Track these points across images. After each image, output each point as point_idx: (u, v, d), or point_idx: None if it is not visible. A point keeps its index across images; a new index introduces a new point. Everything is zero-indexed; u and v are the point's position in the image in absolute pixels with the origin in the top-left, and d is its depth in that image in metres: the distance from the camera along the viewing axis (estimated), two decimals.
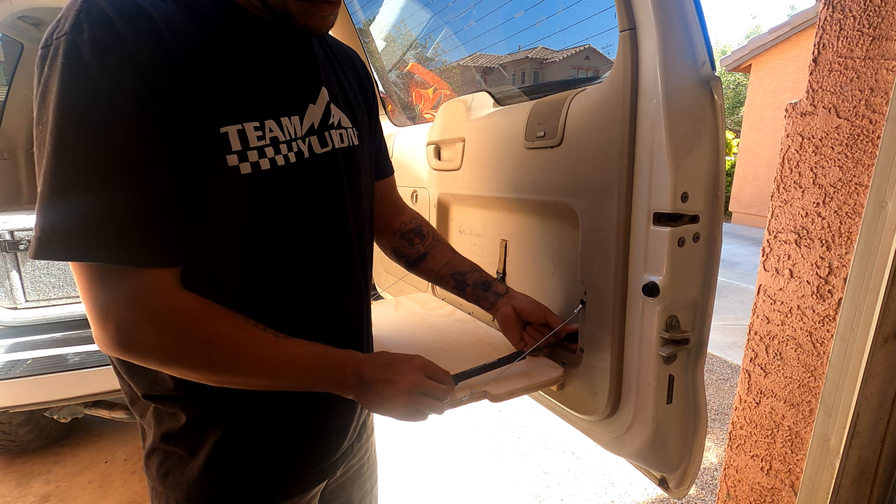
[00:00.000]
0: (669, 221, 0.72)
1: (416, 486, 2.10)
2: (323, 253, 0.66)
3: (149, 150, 0.49)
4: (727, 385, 3.05)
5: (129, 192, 0.48)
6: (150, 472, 0.65)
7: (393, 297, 1.49)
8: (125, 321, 0.50)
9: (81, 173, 0.47)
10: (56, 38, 0.47)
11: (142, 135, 0.48)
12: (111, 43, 0.47)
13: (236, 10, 0.58)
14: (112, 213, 0.48)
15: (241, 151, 0.55)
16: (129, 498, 2.02)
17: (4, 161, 2.59)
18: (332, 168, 0.66)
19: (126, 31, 0.47)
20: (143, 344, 0.52)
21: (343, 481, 0.82)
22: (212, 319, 0.55)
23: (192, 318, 0.53)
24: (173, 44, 0.50)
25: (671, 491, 0.86)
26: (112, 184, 0.48)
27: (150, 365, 0.55)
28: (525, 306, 0.89)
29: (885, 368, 1.02)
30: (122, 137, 0.48)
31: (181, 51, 0.51)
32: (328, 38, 0.75)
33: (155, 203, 0.50)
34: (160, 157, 0.50)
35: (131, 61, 0.47)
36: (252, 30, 0.58)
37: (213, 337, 0.54)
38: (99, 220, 0.48)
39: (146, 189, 0.49)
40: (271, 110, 0.58)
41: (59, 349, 1.79)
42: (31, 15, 2.11)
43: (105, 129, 0.47)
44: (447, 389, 0.69)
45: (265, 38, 0.60)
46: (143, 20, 0.49)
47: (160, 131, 0.49)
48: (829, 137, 1.11)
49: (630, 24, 0.72)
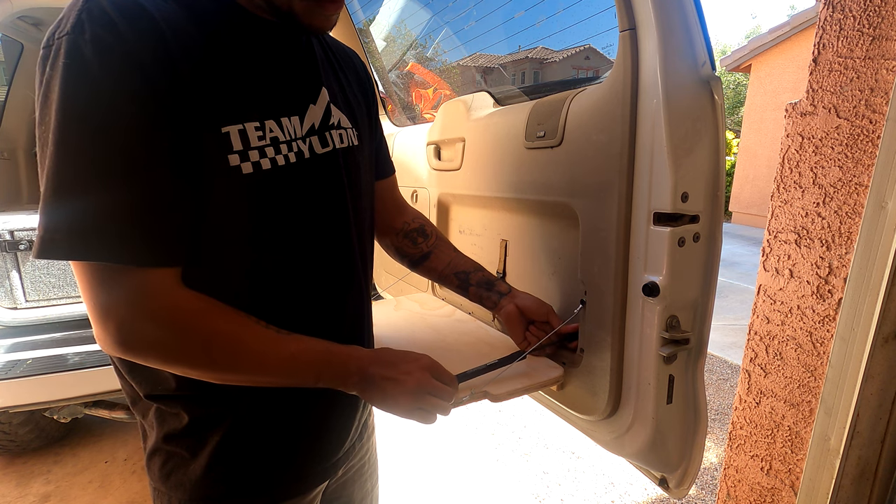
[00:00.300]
0: (669, 221, 0.72)
1: (416, 485, 2.10)
2: (324, 253, 0.66)
3: (149, 150, 0.49)
4: (727, 385, 3.05)
5: (130, 192, 0.49)
6: (152, 473, 0.65)
7: (393, 296, 1.49)
8: (126, 320, 0.50)
9: (82, 173, 0.47)
10: (58, 38, 0.47)
11: (142, 135, 0.48)
12: (112, 43, 0.47)
13: (237, 10, 0.58)
14: (113, 213, 0.48)
15: (242, 151, 0.55)
16: (129, 498, 2.02)
17: (4, 161, 2.59)
18: (332, 168, 0.66)
19: (127, 31, 0.47)
20: (145, 342, 0.52)
21: (344, 481, 0.82)
22: (213, 317, 0.55)
23: (193, 316, 0.53)
24: (175, 43, 0.50)
25: (671, 491, 0.86)
26: (112, 184, 0.48)
27: (152, 364, 0.55)
28: (528, 304, 0.89)
29: (885, 368, 1.02)
30: (122, 137, 0.48)
31: (182, 50, 0.51)
32: (328, 39, 0.75)
33: (155, 203, 0.50)
34: (160, 157, 0.50)
35: (132, 61, 0.47)
36: (253, 30, 0.58)
37: (214, 334, 0.54)
38: (100, 220, 0.48)
39: (146, 189, 0.49)
40: (271, 110, 0.58)
41: (59, 349, 1.79)
42: (31, 15, 2.11)
43: (106, 130, 0.47)
44: (452, 391, 0.69)
45: (266, 39, 0.60)
46: (144, 20, 0.49)
47: (160, 131, 0.49)
48: (829, 137, 1.11)
49: (630, 24, 0.72)
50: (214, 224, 0.56)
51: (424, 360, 0.68)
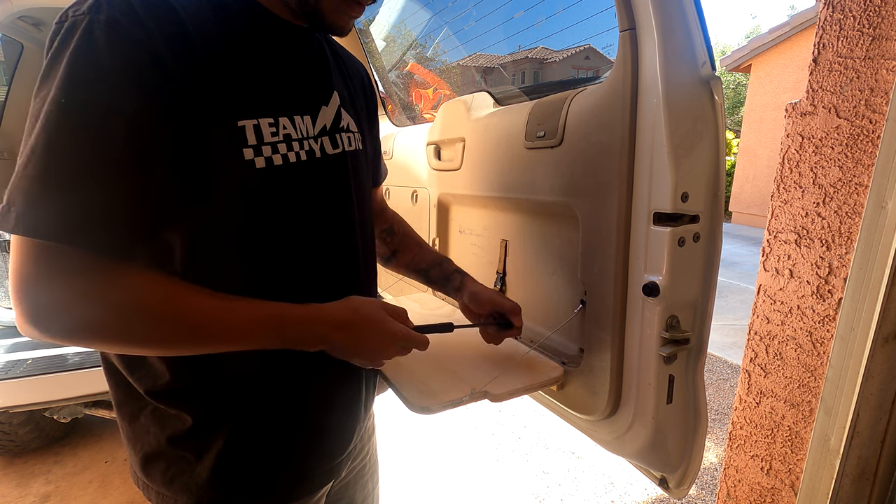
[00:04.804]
0: (670, 221, 0.72)
1: (417, 486, 2.10)
2: (330, 253, 0.66)
3: (139, 145, 0.47)
4: (727, 385, 3.05)
5: (111, 187, 0.46)
6: (151, 478, 0.63)
7: (393, 297, 1.49)
8: (57, 301, 0.47)
9: (68, 160, 0.45)
10: (73, 16, 0.46)
11: (137, 127, 0.47)
12: (128, 27, 0.46)
13: (258, 9, 0.58)
14: (82, 202, 0.46)
15: (256, 146, 0.55)
16: (129, 498, 2.02)
17: (4, 161, 2.58)
18: (341, 169, 0.67)
19: (146, 17, 0.47)
20: (82, 323, 0.49)
21: (346, 482, 0.82)
22: (151, 292, 0.51)
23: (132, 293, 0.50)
24: (195, 34, 0.50)
25: (671, 491, 0.86)
26: (96, 172, 0.46)
27: (83, 345, 0.51)
28: (473, 300, 0.87)
29: (885, 368, 1.02)
30: (114, 127, 0.46)
31: (202, 42, 0.50)
32: (336, 47, 0.77)
33: (135, 199, 0.48)
34: (151, 153, 0.48)
35: (145, 49, 0.47)
36: (271, 29, 0.59)
37: (148, 307, 0.51)
38: (61, 203, 0.45)
39: (128, 182, 0.47)
40: (285, 108, 0.58)
41: (59, 349, 1.79)
42: (31, 15, 2.11)
43: (100, 118, 0.45)
44: (417, 344, 0.68)
45: (283, 39, 0.60)
46: (164, 8, 0.48)
47: (161, 125, 0.48)
48: (829, 137, 1.11)
49: (630, 24, 0.72)
50: (223, 218, 0.55)
51: (390, 328, 0.65)
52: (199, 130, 0.51)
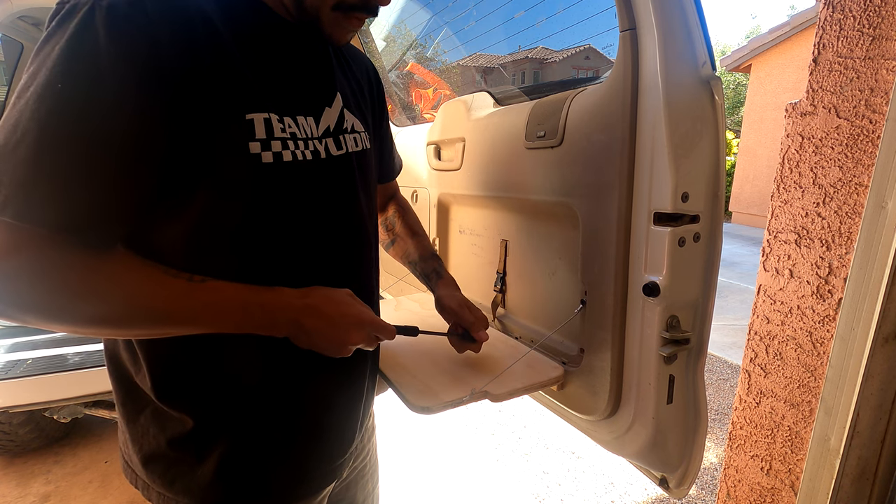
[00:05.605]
0: (670, 221, 0.72)
1: (417, 486, 2.10)
2: (332, 254, 0.66)
3: (134, 139, 0.46)
4: (727, 385, 3.04)
5: (104, 177, 0.46)
6: (152, 478, 0.63)
7: (393, 297, 1.49)
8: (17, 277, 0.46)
9: (59, 147, 0.44)
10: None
11: (127, 119, 0.46)
12: (130, 16, 0.45)
13: (264, 9, 0.58)
14: (73, 195, 0.45)
15: (265, 140, 0.54)
16: (129, 498, 2.02)
17: None
18: (347, 171, 0.67)
19: (151, 7, 0.46)
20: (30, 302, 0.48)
21: (347, 482, 0.83)
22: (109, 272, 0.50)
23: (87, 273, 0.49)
24: (201, 27, 0.50)
25: (671, 491, 0.86)
26: (87, 166, 0.45)
27: (29, 323, 0.49)
28: (437, 307, 0.87)
29: (885, 368, 1.02)
30: (102, 118, 0.45)
31: (208, 35, 0.50)
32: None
33: (124, 192, 0.47)
34: (144, 149, 0.47)
35: (146, 39, 0.46)
36: (276, 30, 0.59)
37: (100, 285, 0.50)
38: (52, 192, 0.44)
39: (120, 177, 0.47)
40: (290, 107, 0.58)
41: (59, 349, 1.79)
42: (31, 15, 2.11)
43: (99, 109, 0.45)
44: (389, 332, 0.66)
45: (288, 40, 0.60)
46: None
47: (159, 118, 0.47)
48: (829, 137, 1.11)
49: (630, 25, 0.72)
50: (228, 214, 0.55)
51: (358, 315, 0.62)
52: (200, 123, 0.50)
